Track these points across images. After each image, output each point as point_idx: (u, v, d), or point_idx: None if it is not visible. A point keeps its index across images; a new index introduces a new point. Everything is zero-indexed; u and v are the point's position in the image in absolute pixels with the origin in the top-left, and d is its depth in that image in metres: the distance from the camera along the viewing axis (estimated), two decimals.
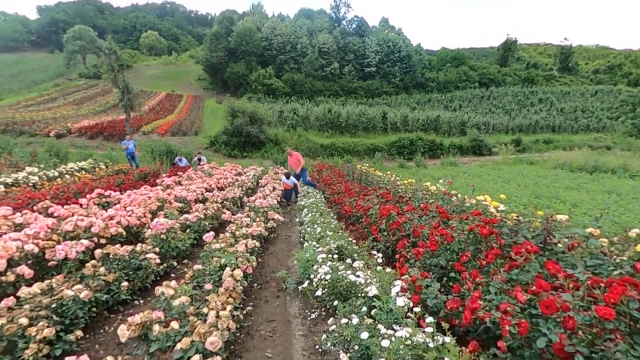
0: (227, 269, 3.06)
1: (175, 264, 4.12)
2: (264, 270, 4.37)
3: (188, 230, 5.05)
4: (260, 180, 11.50)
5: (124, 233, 4.33)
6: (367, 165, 15.11)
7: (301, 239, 6.03)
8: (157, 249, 3.81)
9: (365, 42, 68.47)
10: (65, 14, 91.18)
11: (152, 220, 5.49)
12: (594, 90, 66.89)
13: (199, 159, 14.70)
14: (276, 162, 20.02)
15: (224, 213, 6.07)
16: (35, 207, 4.85)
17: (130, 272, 3.46)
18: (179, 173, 10.72)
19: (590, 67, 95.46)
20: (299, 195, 9.74)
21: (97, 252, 3.50)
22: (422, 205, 4.77)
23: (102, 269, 3.23)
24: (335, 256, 3.73)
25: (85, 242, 3.58)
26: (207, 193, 7.75)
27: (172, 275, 4.03)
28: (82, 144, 21.32)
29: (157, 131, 27.75)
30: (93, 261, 3.26)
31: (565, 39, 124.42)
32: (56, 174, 10.08)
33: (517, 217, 3.68)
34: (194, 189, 7.58)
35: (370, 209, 5.11)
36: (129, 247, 3.42)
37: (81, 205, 5.71)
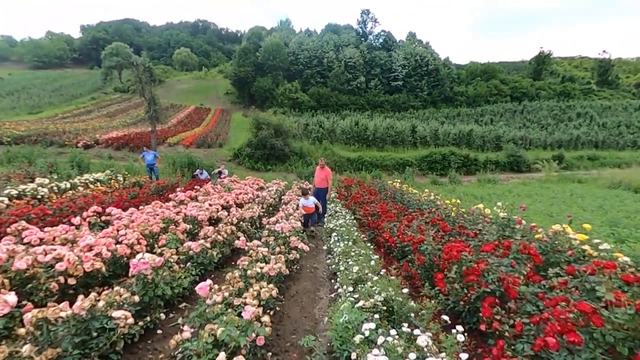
0: (223, 354, 2.00)
1: (162, 316, 3.08)
2: (283, 327, 3.22)
3: (190, 264, 4.04)
4: (283, 197, 10.50)
5: (103, 269, 3.35)
6: (399, 181, 13.86)
7: (330, 274, 4.91)
8: (136, 298, 2.80)
9: (392, 56, 67.75)
10: (105, 32, 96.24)
11: (154, 246, 4.56)
12: (638, 105, 62.94)
13: (220, 172, 13.96)
14: (300, 177, 19.06)
15: (239, 238, 5.05)
16: (9, 229, 4.02)
17: (87, 339, 2.32)
18: (196, 187, 9.89)
19: (632, 80, 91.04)
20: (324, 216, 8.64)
21: (27, 317, 2.24)
22: (498, 241, 3.55)
23: (26, 348, 2.03)
24: (377, 316, 2.59)
25: (12, 298, 2.42)
26: (221, 212, 6.78)
27: (159, 332, 3.00)
28: (108, 154, 21.25)
29: (183, 143, 27.63)
30: (22, 329, 2.24)
31: (604, 51, 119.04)
32: (68, 185, 9.48)
33: None
34: (206, 206, 6.64)
35: (423, 243, 3.95)
36: (86, 303, 2.39)
37: (74, 226, 4.86)
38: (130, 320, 2.53)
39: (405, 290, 2.96)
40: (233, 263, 5.21)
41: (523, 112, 60.09)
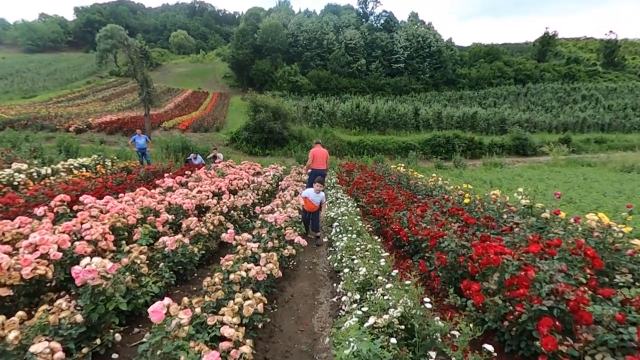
0: None
1: (118, 337, 2.44)
2: (272, 347, 2.51)
3: (163, 264, 3.39)
4: (280, 182, 9.83)
5: (49, 274, 2.70)
6: (403, 165, 13.17)
7: (331, 271, 4.28)
8: (78, 317, 2.14)
9: (394, 37, 65.92)
10: (100, 14, 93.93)
11: (127, 242, 3.94)
12: None
13: (215, 156, 13.27)
14: (300, 161, 18.32)
15: (227, 230, 4.40)
16: None
17: None
18: (186, 172, 9.22)
19: (638, 62, 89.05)
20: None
21: None
22: (536, 237, 2.90)
23: None
24: (394, 340, 1.97)
25: None
26: (210, 200, 6.12)
27: (114, 356, 2.38)
28: (100, 139, 20.50)
29: (179, 127, 26.85)
30: None
31: (611, 31, 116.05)
32: (49, 171, 8.81)
33: None
34: (193, 194, 5.98)
35: (443, 238, 3.29)
36: None
37: (36, 218, 4.22)
38: (60, 355, 1.88)
39: (427, 302, 2.32)
40: (221, 257, 4.60)
41: (527, 94, 58.94)
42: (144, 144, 13.25)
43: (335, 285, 3.73)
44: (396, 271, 3.15)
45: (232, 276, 2.84)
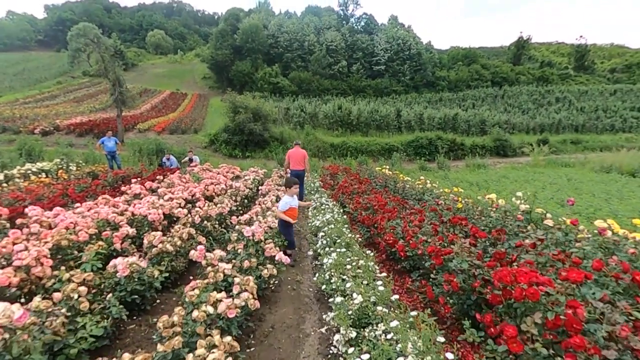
0: None
1: None
2: None
3: (112, 296, 2.75)
4: (260, 187, 9.22)
5: None
6: (387, 167, 12.79)
7: (318, 291, 3.75)
8: None
9: (374, 39, 66.34)
10: (72, 12, 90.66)
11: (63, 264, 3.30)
12: (613, 90, 64.44)
13: (190, 159, 12.51)
14: (281, 164, 17.71)
15: (198, 246, 3.80)
16: None
17: None
18: (157, 177, 8.49)
19: (607, 66, 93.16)
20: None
21: None
22: (563, 254, 2.46)
23: None
24: None
25: None
26: (180, 210, 5.48)
27: None
28: (68, 142, 19.28)
29: (154, 129, 25.76)
30: None
31: (581, 36, 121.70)
32: (1, 177, 7.92)
33: None
34: (161, 203, 5.31)
35: (449, 256, 2.79)
36: None
37: None
38: None
39: (440, 335, 1.82)
40: (192, 277, 3.99)
41: (504, 96, 60.40)
42: (113, 147, 12.37)
43: (323, 311, 3.19)
44: (396, 296, 2.65)
45: (195, 314, 2.27)
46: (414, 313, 2.30)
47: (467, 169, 19.65)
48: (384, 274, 3.02)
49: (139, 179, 8.72)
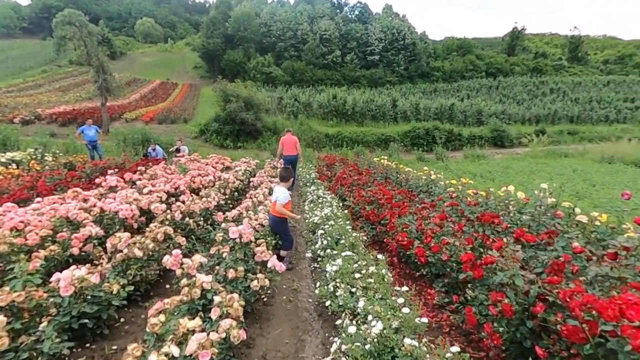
0: None
1: None
2: None
3: (46, 326, 2.08)
4: (252, 179, 8.53)
5: None
6: (386, 158, 12.18)
7: (319, 304, 3.13)
8: None
9: (368, 29, 65.29)
10: None
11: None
12: (606, 81, 64.73)
13: (178, 149, 11.76)
14: (274, 154, 16.98)
15: (174, 250, 3.13)
16: None
17: None
18: (139, 168, 7.77)
19: (600, 57, 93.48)
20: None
21: None
22: None
23: None
24: None
25: None
26: (157, 205, 4.80)
27: None
28: (50, 131, 18.32)
29: (142, 119, 24.77)
30: None
31: (575, 27, 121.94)
32: None
33: None
34: (134, 197, 4.63)
35: (491, 267, 2.14)
36: None
37: None
38: None
39: None
40: (168, 286, 3.37)
41: (498, 87, 60.26)
42: (94, 136, 11.55)
43: (326, 330, 2.58)
44: (424, 320, 2.04)
45: (160, 356, 1.62)
46: (454, 349, 1.69)
47: (466, 159, 19.14)
48: (405, 288, 2.41)
49: (118, 170, 7.99)
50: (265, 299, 3.10)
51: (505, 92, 57.15)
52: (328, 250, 3.62)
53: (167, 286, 3.34)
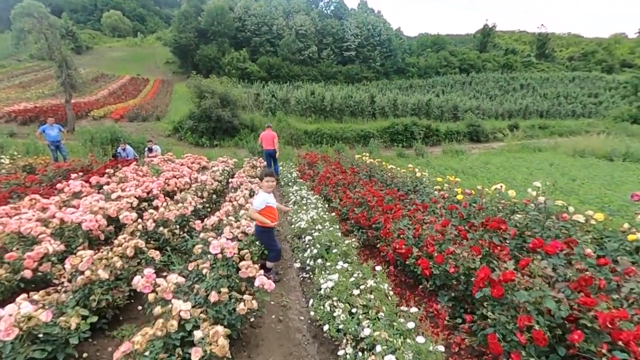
0: None
1: None
2: None
3: None
4: (231, 180, 8.11)
5: None
6: (367, 155, 11.99)
7: (312, 323, 2.82)
8: None
9: (344, 24, 65.14)
10: None
11: None
12: (572, 77, 67.56)
13: (150, 149, 11.13)
14: (253, 152, 16.48)
15: (145, 269, 2.75)
16: None
17: None
18: (107, 171, 7.20)
19: (565, 54, 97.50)
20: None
21: None
22: None
23: None
24: None
25: None
26: (127, 214, 4.35)
27: None
28: (9, 131, 17.07)
29: (111, 116, 23.59)
30: None
31: (542, 25, 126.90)
32: None
33: None
34: (100, 205, 4.17)
35: (512, 285, 1.90)
36: None
37: None
38: None
39: None
40: (140, 308, 2.98)
41: (472, 83, 61.63)
42: (57, 136, 10.74)
43: (323, 355, 2.29)
44: (441, 348, 1.78)
45: None
46: None
47: (445, 155, 19.27)
48: (414, 310, 2.15)
49: (84, 172, 7.40)
50: (252, 320, 2.77)
51: (478, 87, 58.52)
52: (319, 260, 3.32)
53: (140, 307, 2.95)
